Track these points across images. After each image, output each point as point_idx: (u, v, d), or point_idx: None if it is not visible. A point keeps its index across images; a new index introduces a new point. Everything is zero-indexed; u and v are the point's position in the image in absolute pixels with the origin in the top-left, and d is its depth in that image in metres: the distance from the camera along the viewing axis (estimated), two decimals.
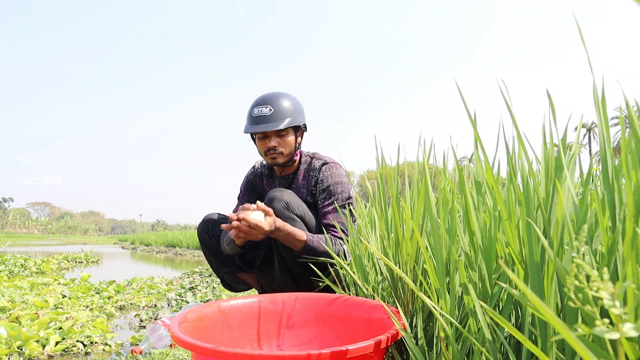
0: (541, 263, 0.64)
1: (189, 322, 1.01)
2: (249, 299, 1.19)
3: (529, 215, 0.66)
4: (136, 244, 21.75)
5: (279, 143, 1.70)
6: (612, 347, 0.44)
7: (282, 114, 1.67)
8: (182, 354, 1.82)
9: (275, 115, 1.66)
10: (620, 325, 0.35)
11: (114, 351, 2.08)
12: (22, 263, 6.81)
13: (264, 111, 1.66)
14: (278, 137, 1.70)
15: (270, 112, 1.66)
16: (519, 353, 0.72)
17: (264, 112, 1.66)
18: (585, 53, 0.59)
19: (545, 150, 0.69)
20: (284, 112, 1.68)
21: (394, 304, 1.07)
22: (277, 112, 1.66)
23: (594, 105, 0.60)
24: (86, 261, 9.28)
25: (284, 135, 1.71)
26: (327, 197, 1.72)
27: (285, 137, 1.71)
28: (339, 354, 0.74)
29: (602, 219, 0.59)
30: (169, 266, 8.55)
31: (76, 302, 3.11)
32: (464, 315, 0.85)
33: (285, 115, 1.68)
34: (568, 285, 0.37)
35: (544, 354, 0.47)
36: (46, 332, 2.09)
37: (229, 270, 1.87)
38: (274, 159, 1.72)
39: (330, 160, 1.80)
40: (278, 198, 1.61)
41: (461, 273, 0.74)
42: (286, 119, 1.67)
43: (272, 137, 1.70)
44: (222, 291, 3.82)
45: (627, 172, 0.51)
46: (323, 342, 1.14)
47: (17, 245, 20.32)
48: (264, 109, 1.66)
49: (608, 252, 0.57)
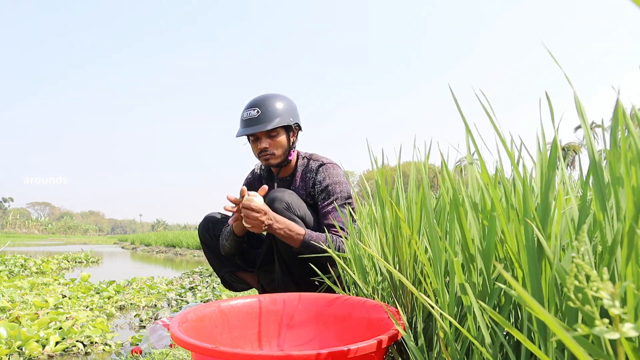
0: (540, 263, 0.64)
1: (189, 322, 1.01)
2: (249, 299, 1.20)
3: (527, 216, 0.66)
4: (136, 244, 21.75)
5: (270, 144, 1.71)
6: (611, 347, 0.44)
7: (270, 115, 1.69)
8: (182, 354, 1.82)
9: (263, 117, 1.68)
10: (619, 325, 0.35)
11: (114, 351, 2.08)
12: (22, 263, 6.81)
13: (252, 114, 1.69)
14: (269, 138, 1.71)
15: (258, 114, 1.68)
16: (518, 353, 0.72)
17: (252, 115, 1.69)
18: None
19: (538, 152, 0.70)
20: (273, 113, 1.69)
21: (394, 304, 1.07)
22: (265, 114, 1.68)
23: (578, 116, 0.60)
24: (86, 261, 9.28)
25: (275, 136, 1.71)
26: (326, 197, 1.73)
27: (276, 137, 1.72)
28: (340, 354, 0.74)
29: (601, 219, 0.59)
30: (169, 266, 8.56)
31: (76, 302, 3.11)
32: (463, 315, 0.85)
33: (274, 116, 1.69)
34: (568, 285, 0.37)
35: (543, 354, 0.47)
36: (46, 332, 2.09)
37: (229, 269, 1.87)
38: (267, 160, 1.74)
39: (327, 160, 1.80)
40: (279, 199, 1.61)
41: (459, 274, 0.75)
42: (275, 120, 1.68)
43: (262, 139, 1.71)
44: (222, 291, 3.83)
45: (626, 171, 0.51)
46: (323, 342, 1.15)
47: (17, 245, 20.32)
48: (252, 112, 1.69)
49: (608, 252, 0.57)
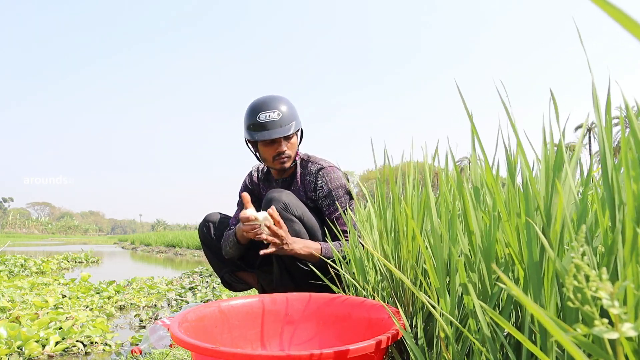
0: (541, 263, 0.64)
1: (189, 322, 1.01)
2: (248, 299, 1.20)
3: (529, 215, 0.66)
4: (136, 244, 21.75)
5: (288, 147, 1.69)
6: (611, 347, 0.44)
7: (288, 118, 1.66)
8: (182, 354, 1.82)
9: (284, 120, 1.65)
10: (619, 325, 0.35)
11: (114, 351, 2.08)
12: (22, 263, 6.81)
13: (273, 116, 1.63)
14: (286, 141, 1.69)
15: (280, 117, 1.64)
16: (519, 353, 0.72)
17: (272, 117, 1.63)
18: (584, 53, 0.59)
19: (545, 150, 0.70)
20: (290, 116, 1.67)
21: (394, 304, 1.07)
22: (284, 117, 1.65)
23: (593, 108, 0.60)
24: (86, 261, 9.27)
25: (291, 138, 1.70)
26: (331, 202, 1.71)
27: (292, 140, 1.71)
28: (340, 354, 0.74)
29: (602, 219, 0.59)
30: (169, 266, 8.55)
31: (76, 302, 3.11)
32: (464, 315, 0.85)
33: (291, 119, 1.67)
34: (567, 285, 0.37)
35: (543, 354, 0.47)
36: (46, 332, 2.09)
37: (229, 269, 1.87)
38: (283, 163, 1.71)
39: (326, 164, 1.79)
40: (276, 199, 1.61)
41: (461, 273, 0.75)
42: (292, 122, 1.67)
43: (282, 142, 1.67)
44: (222, 291, 3.83)
45: (627, 171, 0.51)
46: (323, 342, 1.15)
47: (17, 245, 20.32)
48: (272, 114, 1.63)
49: (608, 252, 0.57)
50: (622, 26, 0.26)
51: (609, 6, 0.25)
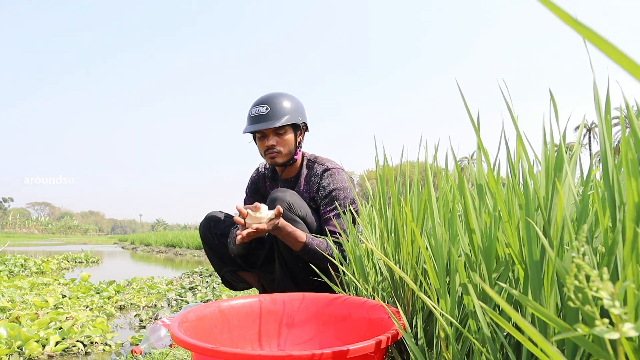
0: (541, 263, 0.64)
1: (189, 322, 1.01)
2: (249, 299, 1.20)
3: (529, 215, 0.66)
4: (136, 244, 21.74)
5: (277, 142, 1.70)
6: (612, 347, 0.44)
7: (279, 113, 1.68)
8: (182, 354, 1.82)
9: (273, 114, 1.67)
10: (620, 325, 0.35)
11: (114, 351, 2.08)
12: (22, 263, 6.80)
13: (261, 110, 1.68)
14: (276, 136, 1.70)
15: (267, 111, 1.67)
16: (519, 353, 0.72)
17: (261, 112, 1.68)
18: (586, 52, 0.59)
19: (545, 150, 0.70)
20: (282, 110, 1.68)
21: (394, 304, 1.07)
22: (274, 111, 1.67)
23: (595, 108, 0.60)
24: (86, 261, 9.27)
25: (282, 134, 1.70)
26: (329, 203, 1.72)
27: (284, 135, 1.71)
28: (340, 354, 0.74)
29: (602, 219, 0.59)
30: (169, 266, 8.55)
31: (76, 302, 3.11)
32: (464, 315, 0.85)
33: (283, 114, 1.68)
34: (568, 285, 0.37)
35: (543, 354, 0.47)
36: (46, 332, 2.09)
37: (230, 269, 1.87)
38: (273, 158, 1.72)
39: (332, 165, 1.79)
40: (280, 199, 1.61)
41: (461, 273, 0.75)
42: (284, 117, 1.68)
43: (270, 136, 1.70)
44: (222, 291, 3.82)
45: (627, 171, 0.51)
46: (323, 342, 1.15)
47: (17, 245, 20.32)
48: (261, 109, 1.68)
49: (608, 252, 0.57)
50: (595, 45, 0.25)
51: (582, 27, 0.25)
